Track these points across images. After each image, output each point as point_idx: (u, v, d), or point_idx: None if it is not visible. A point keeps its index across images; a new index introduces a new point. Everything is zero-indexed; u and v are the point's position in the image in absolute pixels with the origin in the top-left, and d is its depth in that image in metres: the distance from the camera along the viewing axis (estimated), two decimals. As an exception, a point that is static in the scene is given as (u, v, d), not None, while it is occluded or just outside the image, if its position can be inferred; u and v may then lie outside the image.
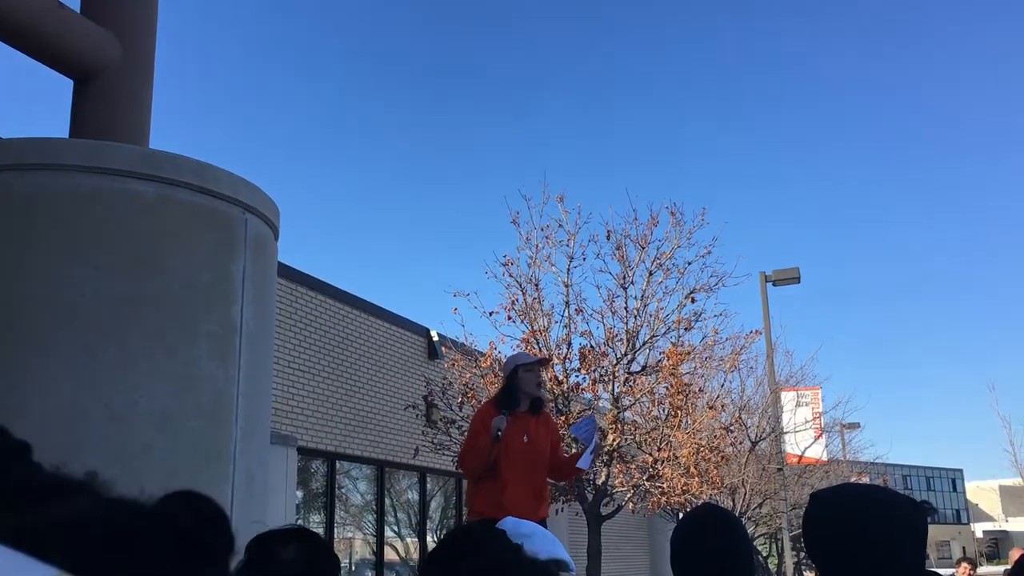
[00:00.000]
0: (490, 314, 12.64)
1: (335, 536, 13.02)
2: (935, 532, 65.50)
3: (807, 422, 22.84)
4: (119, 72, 4.21)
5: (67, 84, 4.32)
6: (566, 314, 12.58)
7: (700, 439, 13.45)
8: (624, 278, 12.67)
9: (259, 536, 2.13)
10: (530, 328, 12.33)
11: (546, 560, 2.45)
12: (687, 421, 13.24)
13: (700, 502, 13.71)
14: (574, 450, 6.30)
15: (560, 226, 12.77)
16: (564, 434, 9.47)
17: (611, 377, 12.29)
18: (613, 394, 12.33)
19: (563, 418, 11.41)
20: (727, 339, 14.40)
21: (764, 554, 25.98)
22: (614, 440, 12.06)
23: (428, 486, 15.57)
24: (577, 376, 12.30)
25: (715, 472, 13.68)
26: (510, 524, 2.89)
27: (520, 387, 5.27)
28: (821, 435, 23.94)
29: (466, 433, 9.85)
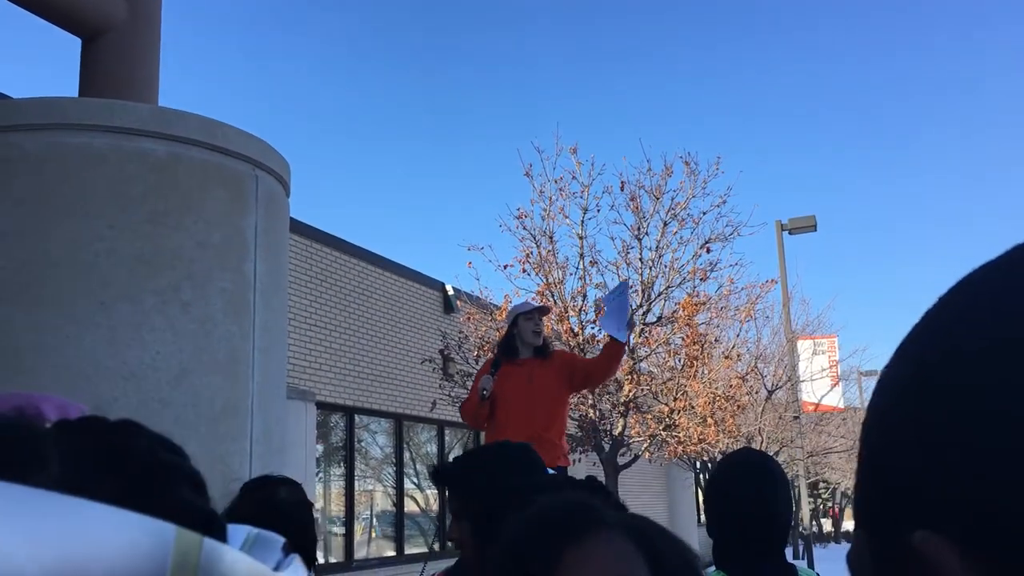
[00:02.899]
0: (505, 267, 12.67)
1: (355, 489, 13.19)
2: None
3: (823, 370, 22.86)
4: (126, 29, 4.20)
5: (75, 43, 4.31)
6: (581, 266, 12.58)
7: (716, 388, 13.50)
8: (639, 229, 12.63)
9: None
10: (545, 281, 12.35)
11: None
12: (703, 371, 13.28)
13: (716, 451, 13.80)
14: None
15: (574, 178, 12.72)
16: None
17: (627, 328, 12.30)
18: (629, 345, 12.36)
19: None
20: (743, 288, 14.38)
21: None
22: (630, 390, 12.12)
23: (446, 439, 15.72)
24: (592, 328, 12.33)
25: (731, 421, 13.75)
26: None
27: (519, 335, 5.34)
28: (838, 383, 23.98)
29: None
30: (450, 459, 2.21)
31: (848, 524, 46.32)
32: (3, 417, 0.46)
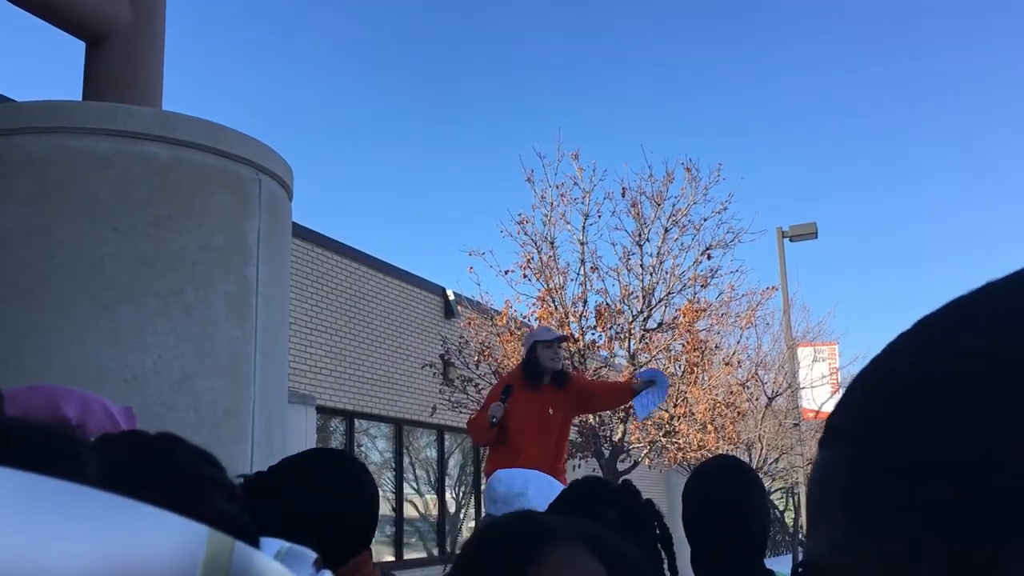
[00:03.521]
0: (506, 273, 12.66)
1: (355, 493, 13.18)
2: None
3: (824, 377, 22.83)
4: (130, 32, 4.21)
5: (80, 46, 4.32)
6: (582, 272, 12.58)
7: (716, 395, 13.51)
8: (640, 235, 12.63)
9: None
10: (546, 286, 12.34)
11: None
12: (703, 377, 13.28)
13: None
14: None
15: (575, 184, 12.71)
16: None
17: (627, 334, 12.31)
18: (629, 351, 12.36)
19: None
20: (743, 295, 14.35)
21: (781, 508, 26.16)
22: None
23: (446, 444, 15.71)
24: (593, 334, 12.33)
25: (731, 427, 13.75)
26: (503, 480, 2.90)
27: (539, 362, 5.34)
28: (838, 390, 23.93)
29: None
30: (265, 469, 2.01)
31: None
32: (41, 422, 0.47)
